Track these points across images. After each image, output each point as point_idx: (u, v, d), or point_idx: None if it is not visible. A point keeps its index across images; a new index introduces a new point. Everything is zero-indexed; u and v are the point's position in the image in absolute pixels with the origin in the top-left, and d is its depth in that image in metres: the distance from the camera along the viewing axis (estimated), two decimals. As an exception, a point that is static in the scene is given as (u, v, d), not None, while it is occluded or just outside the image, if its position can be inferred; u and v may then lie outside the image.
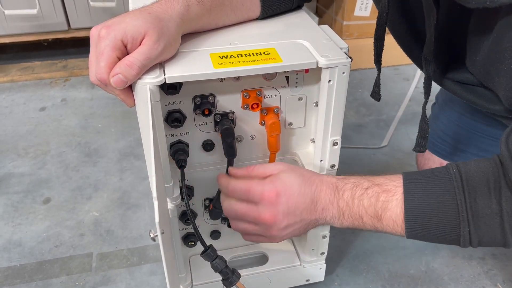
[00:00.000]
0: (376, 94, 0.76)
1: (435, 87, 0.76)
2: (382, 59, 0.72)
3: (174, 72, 0.56)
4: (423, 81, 0.67)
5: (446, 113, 0.93)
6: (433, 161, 0.94)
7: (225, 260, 0.66)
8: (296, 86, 0.67)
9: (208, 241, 0.75)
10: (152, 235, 0.53)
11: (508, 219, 0.53)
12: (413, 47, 0.73)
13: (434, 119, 0.96)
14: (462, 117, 0.89)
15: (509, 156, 0.52)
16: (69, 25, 1.65)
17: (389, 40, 0.73)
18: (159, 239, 0.49)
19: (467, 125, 0.88)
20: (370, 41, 0.71)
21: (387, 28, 0.69)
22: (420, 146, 0.70)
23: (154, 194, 0.48)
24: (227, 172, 0.69)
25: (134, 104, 0.58)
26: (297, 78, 0.66)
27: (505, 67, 0.49)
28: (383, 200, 0.58)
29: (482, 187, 0.54)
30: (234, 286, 0.67)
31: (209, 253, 0.64)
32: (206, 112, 0.64)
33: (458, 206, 0.54)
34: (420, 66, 0.74)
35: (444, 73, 0.70)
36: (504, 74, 0.49)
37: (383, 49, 0.71)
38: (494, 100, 0.64)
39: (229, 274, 0.66)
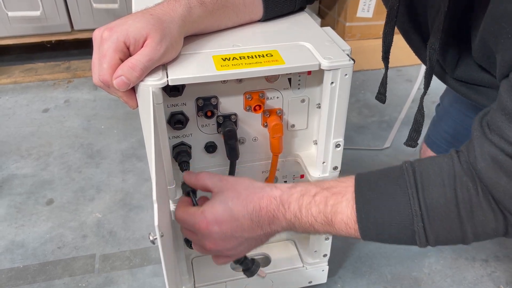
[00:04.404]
0: (381, 95, 0.74)
1: (438, 87, 0.75)
2: (390, 55, 0.71)
3: (176, 74, 0.56)
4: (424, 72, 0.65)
5: (450, 114, 0.93)
6: (436, 162, 0.94)
7: None
8: (299, 88, 0.67)
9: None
10: (151, 238, 0.53)
11: (465, 207, 0.50)
12: (418, 40, 0.72)
13: (438, 120, 0.96)
14: (467, 118, 0.89)
15: (481, 130, 0.49)
16: (72, 26, 1.65)
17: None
18: (159, 242, 0.49)
19: (470, 126, 0.88)
20: (373, 42, 0.71)
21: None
22: (412, 140, 0.67)
23: (154, 197, 0.48)
24: (230, 173, 0.69)
25: (137, 106, 0.58)
26: (299, 80, 0.66)
27: (502, 39, 0.47)
28: (332, 204, 0.56)
29: (435, 177, 0.51)
30: (255, 275, 0.69)
31: None
32: (209, 114, 0.64)
33: (410, 200, 0.51)
34: (423, 58, 0.73)
35: (452, 73, 0.69)
36: (501, 47, 0.47)
37: (391, 45, 0.70)
38: None
39: (249, 265, 0.68)
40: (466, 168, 0.51)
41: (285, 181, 0.77)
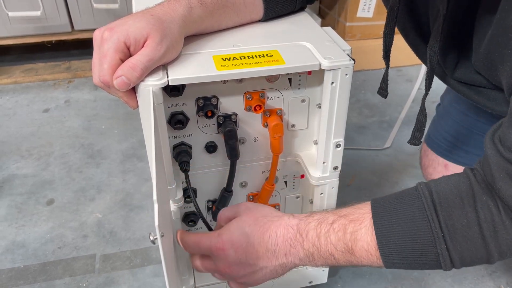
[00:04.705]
0: (383, 91, 0.74)
1: (438, 87, 0.75)
2: (390, 53, 0.71)
3: (177, 74, 0.56)
4: (425, 73, 0.65)
5: (451, 114, 0.93)
6: (437, 162, 0.94)
7: None
8: (299, 88, 0.67)
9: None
10: (152, 238, 0.53)
11: (487, 226, 0.49)
12: (418, 41, 0.72)
13: (438, 120, 0.96)
14: (467, 118, 0.89)
15: (494, 148, 0.48)
16: (72, 26, 1.65)
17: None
18: (159, 242, 0.49)
19: (472, 126, 0.88)
20: (373, 42, 0.71)
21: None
22: (416, 138, 0.67)
23: (155, 197, 0.47)
24: (230, 173, 0.69)
25: (137, 106, 0.58)
26: (299, 80, 0.66)
27: (508, 50, 0.47)
28: (351, 231, 0.54)
29: (453, 197, 0.51)
30: None
31: None
32: (209, 114, 0.64)
33: (430, 222, 0.51)
34: (423, 58, 0.73)
35: (452, 74, 0.69)
36: (508, 59, 0.47)
37: (392, 44, 0.70)
38: (500, 101, 0.64)
39: None
40: (484, 186, 0.50)
41: (285, 181, 0.77)
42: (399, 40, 0.76)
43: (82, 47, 1.82)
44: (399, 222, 0.52)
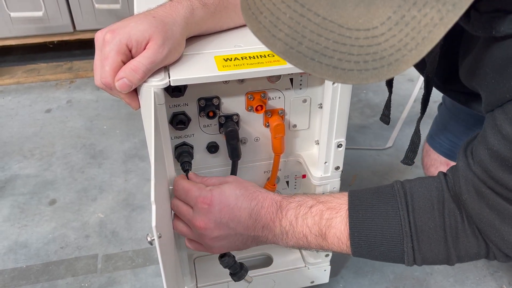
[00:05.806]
0: (385, 117, 0.76)
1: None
2: (393, 80, 0.72)
3: (178, 75, 0.56)
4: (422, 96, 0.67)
5: (452, 113, 0.93)
6: (439, 161, 0.94)
7: (233, 256, 0.67)
8: (301, 88, 0.67)
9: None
10: (149, 239, 0.53)
11: (451, 232, 0.53)
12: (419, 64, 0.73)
13: (440, 120, 0.96)
14: (469, 117, 0.89)
15: (465, 161, 0.51)
16: (74, 27, 1.65)
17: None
18: (156, 243, 0.48)
19: (474, 125, 0.88)
20: (375, 43, 0.71)
21: None
22: (409, 159, 0.70)
23: (152, 198, 0.47)
24: (232, 173, 0.69)
25: (139, 107, 0.58)
26: (301, 80, 0.66)
27: (485, 82, 0.49)
28: (327, 218, 0.57)
29: (425, 201, 0.54)
30: (243, 280, 0.69)
31: None
32: (211, 114, 0.64)
33: (401, 221, 0.54)
34: (421, 72, 0.74)
35: (445, 84, 0.70)
36: (486, 89, 0.49)
37: None
38: None
39: (237, 269, 0.68)
40: (453, 195, 0.53)
41: (287, 181, 0.77)
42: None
43: (84, 48, 1.82)
44: (373, 217, 0.56)
